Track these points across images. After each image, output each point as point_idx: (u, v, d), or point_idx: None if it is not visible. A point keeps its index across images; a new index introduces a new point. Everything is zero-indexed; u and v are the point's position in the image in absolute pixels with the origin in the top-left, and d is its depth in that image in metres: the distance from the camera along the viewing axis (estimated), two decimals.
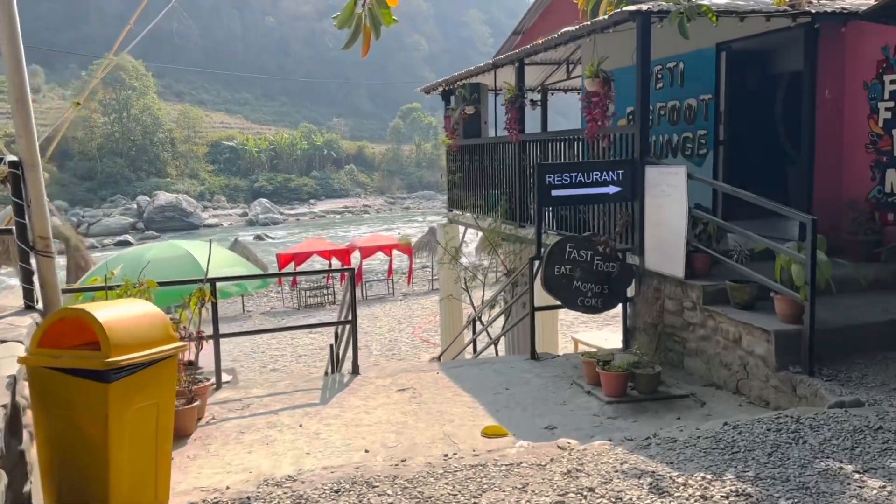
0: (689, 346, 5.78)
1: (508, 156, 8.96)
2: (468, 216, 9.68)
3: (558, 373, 5.86)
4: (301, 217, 69.07)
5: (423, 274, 29.80)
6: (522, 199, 8.63)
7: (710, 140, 7.94)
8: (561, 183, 6.15)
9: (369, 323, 20.88)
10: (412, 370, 6.08)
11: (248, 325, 22.55)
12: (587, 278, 6.14)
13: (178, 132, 77.57)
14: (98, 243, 55.20)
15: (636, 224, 6.31)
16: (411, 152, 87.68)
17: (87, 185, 69.90)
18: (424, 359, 16.09)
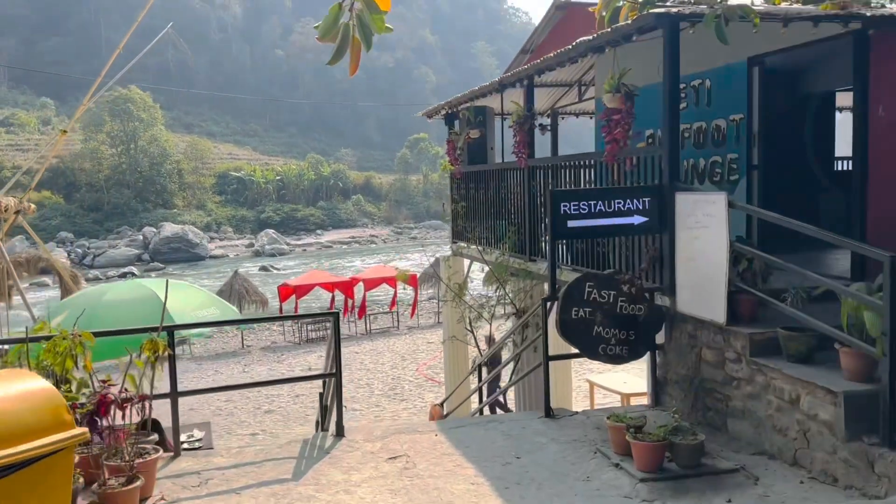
0: (734, 405, 4.88)
1: (517, 183, 8.16)
2: (473, 248, 8.85)
3: (578, 436, 4.96)
4: (308, 247, 68.49)
5: (429, 305, 28.91)
6: (532, 230, 7.80)
7: (742, 165, 7.11)
8: (578, 212, 5.32)
9: (372, 359, 19.98)
10: (406, 431, 5.20)
11: (248, 360, 21.70)
12: (610, 323, 5.28)
13: (185, 163, 77.61)
14: (102, 275, 54.67)
15: (665, 260, 5.46)
16: (418, 182, 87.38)
17: (93, 217, 69.76)
18: (428, 400, 15.14)
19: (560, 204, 5.31)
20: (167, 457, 4.71)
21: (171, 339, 4.61)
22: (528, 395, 7.25)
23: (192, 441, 6.56)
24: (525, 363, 7.03)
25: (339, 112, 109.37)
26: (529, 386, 7.10)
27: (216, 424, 14.28)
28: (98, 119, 73.57)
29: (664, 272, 5.51)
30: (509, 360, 7.08)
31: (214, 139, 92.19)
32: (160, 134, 76.61)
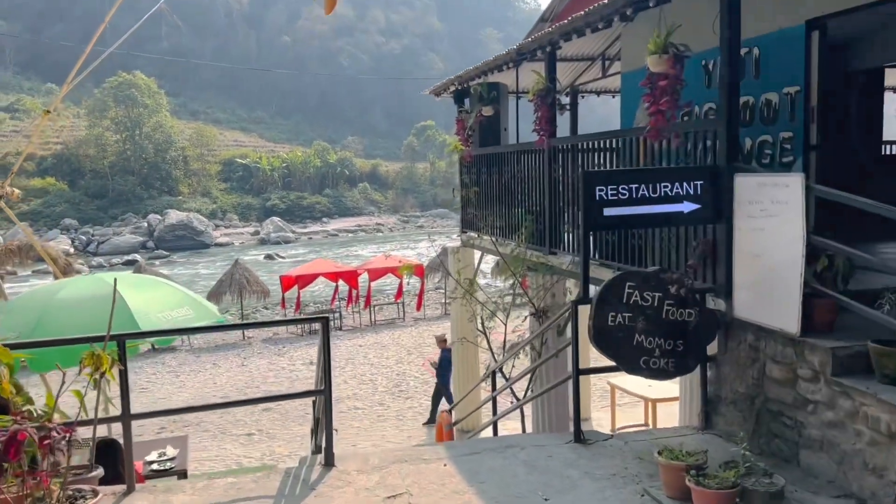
0: (810, 434, 3.99)
1: (536, 166, 7.26)
2: (486, 239, 7.96)
3: (617, 468, 4.09)
4: (313, 235, 67.73)
5: (436, 296, 28.07)
6: (553, 219, 6.91)
7: (797, 145, 6.18)
8: (616, 198, 4.42)
9: (376, 353, 19.17)
10: (409, 459, 4.33)
11: (248, 353, 20.94)
12: (654, 331, 4.39)
13: (191, 150, 76.90)
14: (106, 262, 54.15)
15: (720, 255, 4.56)
16: (425, 170, 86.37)
17: (97, 204, 69.20)
18: None
19: (595, 188, 4.40)
20: (118, 493, 3.86)
21: (123, 351, 3.75)
22: (548, 410, 6.38)
23: (162, 461, 5.73)
24: (545, 373, 6.16)
25: (346, 99, 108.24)
26: (549, 399, 6.24)
27: (210, 423, 13.52)
28: (102, 105, 72.88)
29: (718, 270, 4.61)
30: (528, 371, 6.19)
31: (220, 126, 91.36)
32: (165, 120, 75.87)
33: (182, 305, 5.33)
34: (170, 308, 5.21)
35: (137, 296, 5.14)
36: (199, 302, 5.61)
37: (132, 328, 4.75)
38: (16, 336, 4.39)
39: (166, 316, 5.09)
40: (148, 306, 5.08)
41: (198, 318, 5.33)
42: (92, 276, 5.44)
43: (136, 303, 5.02)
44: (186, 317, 5.24)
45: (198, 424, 13.47)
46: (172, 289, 5.63)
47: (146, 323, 4.87)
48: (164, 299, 5.32)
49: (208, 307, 5.64)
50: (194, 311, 5.35)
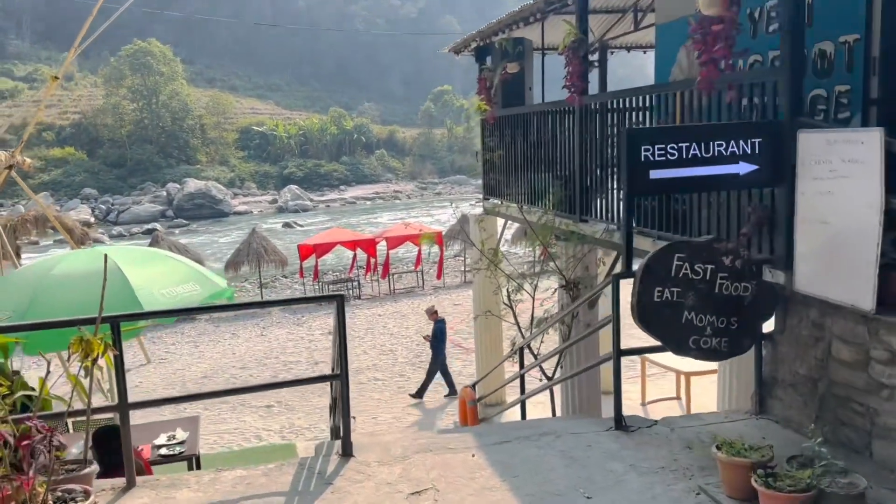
0: (885, 422, 3.55)
1: (566, 127, 6.75)
2: (513, 207, 7.48)
3: (665, 460, 3.69)
4: (331, 203, 67.47)
5: (455, 264, 27.69)
6: (584, 183, 6.42)
7: (855, 99, 5.60)
8: (664, 159, 3.94)
9: (396, 322, 18.89)
10: (434, 448, 3.96)
11: (267, 322, 20.77)
12: (705, 307, 3.95)
13: (207, 118, 76.63)
14: (126, 232, 54.41)
15: (779, 222, 4.08)
16: (443, 136, 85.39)
17: (116, 173, 69.39)
18: (456, 368, 14.02)
19: (640, 148, 3.92)
20: (117, 488, 3.53)
21: (117, 334, 3.38)
22: (577, 390, 5.96)
23: (171, 445, 5.43)
24: (575, 350, 5.74)
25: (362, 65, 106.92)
26: (579, 377, 5.82)
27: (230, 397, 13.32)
28: (119, 73, 72.63)
29: (776, 239, 4.14)
30: (561, 349, 5.77)
31: (236, 93, 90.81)
32: (181, 88, 75.52)
33: (188, 281, 4.97)
34: (174, 284, 4.85)
35: (139, 271, 4.79)
36: (207, 276, 5.24)
37: (133, 306, 4.40)
38: (7, 316, 4.06)
39: (171, 292, 4.73)
40: (151, 283, 4.72)
41: (204, 293, 4.96)
42: (90, 251, 5.10)
43: (138, 279, 4.66)
44: (192, 293, 4.87)
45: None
46: (178, 263, 5.26)
47: (149, 301, 4.52)
48: (169, 275, 4.96)
49: (216, 282, 5.27)
50: (201, 287, 4.98)
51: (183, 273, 5.08)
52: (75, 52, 11.64)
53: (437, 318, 12.86)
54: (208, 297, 5.01)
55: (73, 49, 11.65)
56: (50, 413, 3.53)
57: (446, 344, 13.01)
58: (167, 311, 4.25)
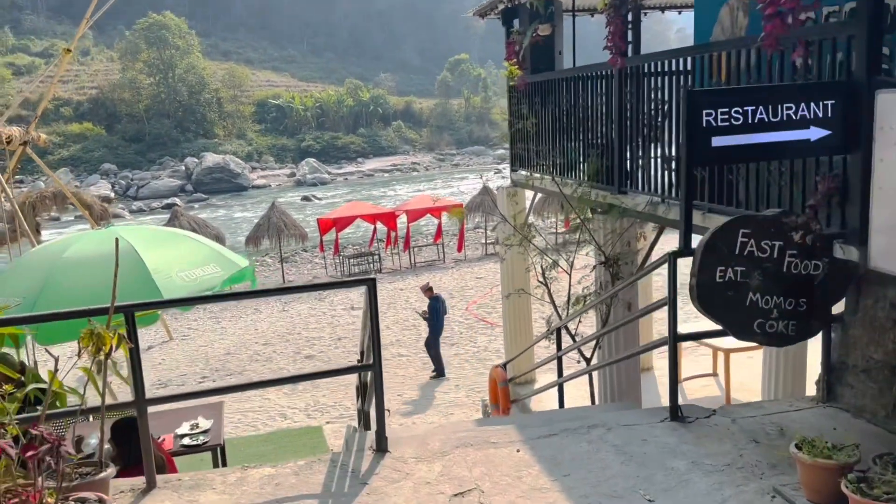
0: None
1: (603, 92, 6.33)
2: (544, 179, 7.09)
3: (730, 456, 3.37)
4: (349, 176, 67.20)
5: (475, 236, 27.36)
6: (624, 152, 6.02)
7: None
8: (729, 124, 3.55)
9: (417, 297, 18.58)
10: (475, 443, 3.67)
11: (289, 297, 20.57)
12: (772, 287, 3.59)
13: (224, 91, 76.37)
14: (146, 206, 54.64)
15: (853, 193, 3.69)
16: (460, 106, 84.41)
17: (135, 148, 69.56)
18: (481, 343, 13.78)
19: (701, 112, 3.53)
20: (137, 489, 3.29)
21: (132, 325, 3.11)
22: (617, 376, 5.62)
23: (195, 435, 5.21)
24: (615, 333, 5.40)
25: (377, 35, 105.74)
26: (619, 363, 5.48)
27: (253, 373, 13.23)
28: (134, 47, 72.43)
29: (849, 211, 3.74)
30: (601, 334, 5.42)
31: (252, 66, 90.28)
32: (197, 61, 75.19)
33: (208, 262, 4.68)
34: (194, 266, 4.57)
35: (156, 253, 4.51)
36: (226, 257, 4.95)
37: (150, 291, 4.13)
38: (17, 303, 3.81)
39: (190, 275, 4.45)
40: (169, 265, 4.45)
41: (225, 275, 4.68)
42: (104, 231, 4.82)
43: (155, 261, 4.39)
44: (213, 275, 4.59)
45: (240, 373, 13.20)
46: (197, 243, 4.97)
47: (167, 285, 4.24)
48: (188, 256, 4.68)
49: (236, 262, 4.98)
50: (221, 268, 4.69)
51: (202, 254, 4.80)
52: (86, 24, 11.34)
53: (433, 295, 12.65)
54: (229, 279, 4.73)
55: (84, 21, 11.34)
56: (62, 411, 3.28)
57: (444, 321, 12.80)
58: (185, 300, 3.96)
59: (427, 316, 12.46)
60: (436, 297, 12.67)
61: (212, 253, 4.88)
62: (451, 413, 10.24)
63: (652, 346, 4.52)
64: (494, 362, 12.58)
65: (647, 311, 4.65)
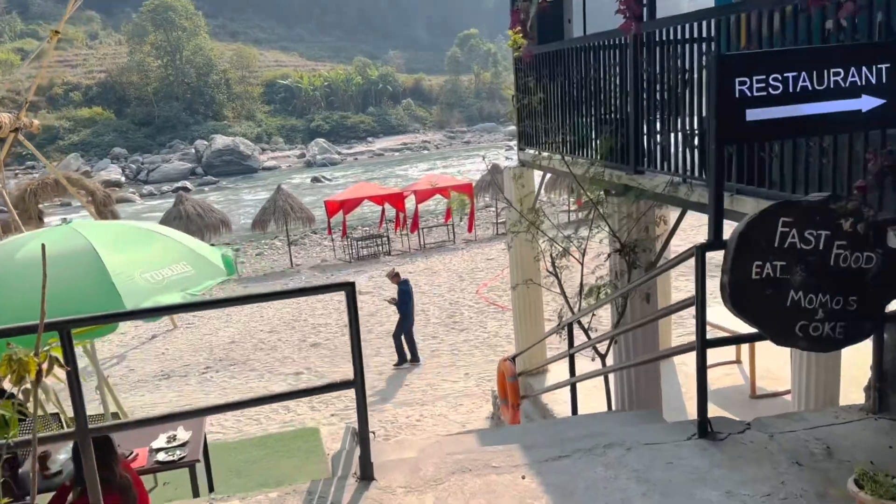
0: None
1: (616, 62, 5.77)
2: (553, 158, 6.55)
3: (770, 484, 2.89)
4: (359, 156, 66.66)
5: (486, 215, 26.82)
6: (640, 128, 5.48)
7: None
8: (765, 94, 3.02)
9: (427, 280, 18.21)
10: (473, 467, 3.21)
11: (296, 282, 20.25)
12: (817, 284, 3.08)
13: (232, 73, 75.84)
14: (157, 190, 54.48)
15: None
16: (470, 83, 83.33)
17: (145, 131, 69.41)
18: (491, 329, 13.33)
19: (733, 79, 3.00)
20: None
21: (67, 344, 2.65)
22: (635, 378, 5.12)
23: (171, 449, 4.79)
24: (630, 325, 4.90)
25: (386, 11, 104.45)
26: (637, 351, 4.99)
27: (257, 362, 12.89)
28: (141, 30, 71.93)
29: None
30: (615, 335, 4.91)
31: (260, 46, 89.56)
32: (204, 43, 74.63)
33: (178, 260, 4.22)
34: (161, 265, 4.10)
35: (119, 253, 4.05)
36: (202, 255, 4.47)
37: (107, 296, 3.69)
38: None
39: (156, 276, 4.00)
40: (132, 265, 3.98)
41: (199, 275, 4.22)
42: (63, 227, 4.37)
43: (117, 262, 3.92)
44: (183, 275, 4.13)
45: (244, 363, 12.85)
46: (169, 240, 4.47)
47: (128, 288, 3.78)
48: (156, 254, 4.21)
49: (212, 260, 4.50)
50: (194, 268, 4.23)
51: (173, 251, 4.32)
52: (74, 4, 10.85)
53: (400, 281, 12.18)
54: (205, 279, 4.27)
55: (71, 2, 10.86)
56: None
57: (413, 307, 12.27)
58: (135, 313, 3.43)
59: (396, 302, 12.02)
60: (405, 282, 12.25)
61: (184, 250, 4.40)
62: (460, 404, 9.82)
63: (677, 350, 4.02)
64: (505, 348, 12.19)
65: (669, 311, 4.14)
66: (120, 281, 3.79)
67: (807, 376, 4.79)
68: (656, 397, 5.52)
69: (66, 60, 77.52)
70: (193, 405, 11.18)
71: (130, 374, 13.28)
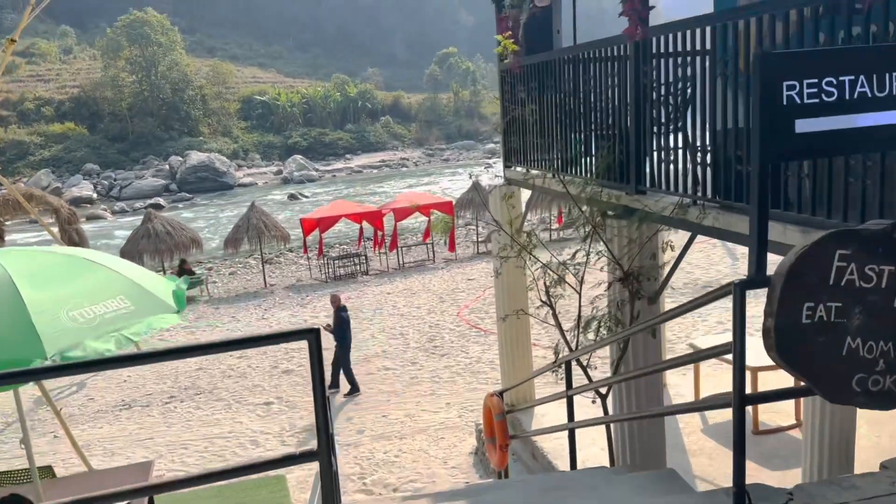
0: None
1: (614, 72, 5.28)
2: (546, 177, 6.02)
3: None
4: (337, 173, 65.98)
5: (467, 234, 26.31)
6: (642, 143, 4.99)
7: None
8: (818, 101, 2.51)
9: (406, 301, 17.59)
10: None
11: (269, 303, 19.51)
12: (879, 330, 2.56)
13: (208, 89, 75.04)
14: (129, 207, 53.35)
15: None
16: (449, 101, 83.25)
17: (118, 147, 68.30)
18: (473, 354, 12.75)
19: (780, 83, 2.48)
20: None
21: None
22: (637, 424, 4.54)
23: None
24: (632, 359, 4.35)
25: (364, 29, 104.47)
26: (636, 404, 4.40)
27: (225, 391, 12.17)
28: (116, 45, 70.94)
29: None
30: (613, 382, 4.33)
31: (238, 62, 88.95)
32: (180, 58, 73.78)
33: (115, 295, 3.60)
34: (94, 301, 3.47)
35: (43, 287, 3.42)
36: (146, 290, 3.83)
37: (27, 339, 3.06)
38: None
39: (86, 314, 3.38)
40: (57, 303, 3.36)
41: (140, 311, 3.61)
42: None
43: (40, 298, 3.30)
44: (119, 312, 3.50)
45: (211, 392, 12.12)
46: (106, 271, 3.81)
47: (50, 329, 3.15)
48: (89, 289, 3.59)
49: (158, 297, 3.86)
50: (134, 303, 3.61)
51: (111, 284, 3.68)
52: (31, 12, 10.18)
53: (340, 306, 11.60)
54: (144, 317, 3.65)
55: (28, 8, 10.19)
56: None
57: (351, 334, 11.75)
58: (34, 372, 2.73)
59: (333, 329, 11.41)
60: (343, 307, 11.68)
61: (125, 283, 3.76)
62: (441, 437, 9.20)
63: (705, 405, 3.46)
64: (488, 375, 11.61)
65: (697, 357, 3.59)
66: (42, 321, 3.16)
67: (820, 412, 4.30)
68: (660, 440, 4.97)
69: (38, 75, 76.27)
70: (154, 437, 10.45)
71: (90, 403, 12.48)
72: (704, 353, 3.31)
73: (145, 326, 3.58)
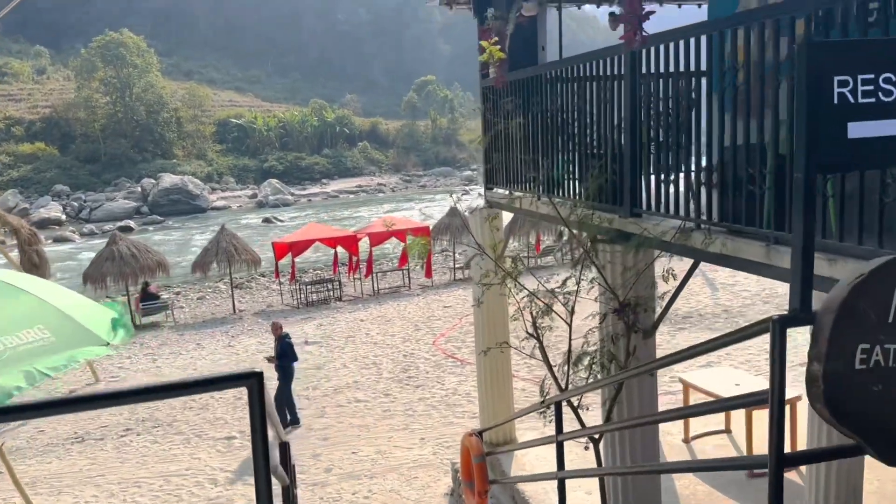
0: None
1: (607, 87, 4.89)
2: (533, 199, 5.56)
3: None
4: (313, 197, 65.35)
5: (443, 261, 25.85)
6: (637, 163, 4.57)
7: None
8: (874, 100, 2.08)
9: (379, 329, 17.00)
10: None
11: (237, 329, 18.77)
12: None
13: (184, 111, 74.28)
14: (98, 229, 52.10)
15: None
16: (426, 128, 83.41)
17: (89, 169, 67.08)
18: (449, 385, 12.20)
19: (831, 78, 2.06)
20: None
21: None
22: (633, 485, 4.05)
23: None
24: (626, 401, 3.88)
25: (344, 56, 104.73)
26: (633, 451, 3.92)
27: (185, 423, 11.44)
28: (90, 66, 70.02)
29: None
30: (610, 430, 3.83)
31: (215, 86, 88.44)
32: (156, 80, 73.01)
33: (33, 325, 3.05)
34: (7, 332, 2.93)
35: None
36: (73, 319, 3.26)
37: None
38: None
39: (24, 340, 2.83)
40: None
41: (60, 344, 3.06)
42: None
43: None
44: (35, 344, 2.95)
45: (170, 425, 11.39)
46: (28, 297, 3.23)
47: None
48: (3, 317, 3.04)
49: (86, 327, 3.30)
50: (53, 333, 3.07)
51: (31, 312, 3.12)
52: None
53: (282, 333, 11.04)
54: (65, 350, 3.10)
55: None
56: None
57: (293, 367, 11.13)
58: None
59: (275, 360, 10.84)
60: (286, 335, 11.13)
61: (48, 311, 3.20)
62: (414, 477, 8.62)
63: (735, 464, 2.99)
64: (465, 408, 11.05)
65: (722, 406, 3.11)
66: None
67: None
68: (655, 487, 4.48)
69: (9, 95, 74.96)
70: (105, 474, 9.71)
71: (40, 435, 11.67)
72: (733, 401, 2.83)
73: (65, 359, 3.03)
